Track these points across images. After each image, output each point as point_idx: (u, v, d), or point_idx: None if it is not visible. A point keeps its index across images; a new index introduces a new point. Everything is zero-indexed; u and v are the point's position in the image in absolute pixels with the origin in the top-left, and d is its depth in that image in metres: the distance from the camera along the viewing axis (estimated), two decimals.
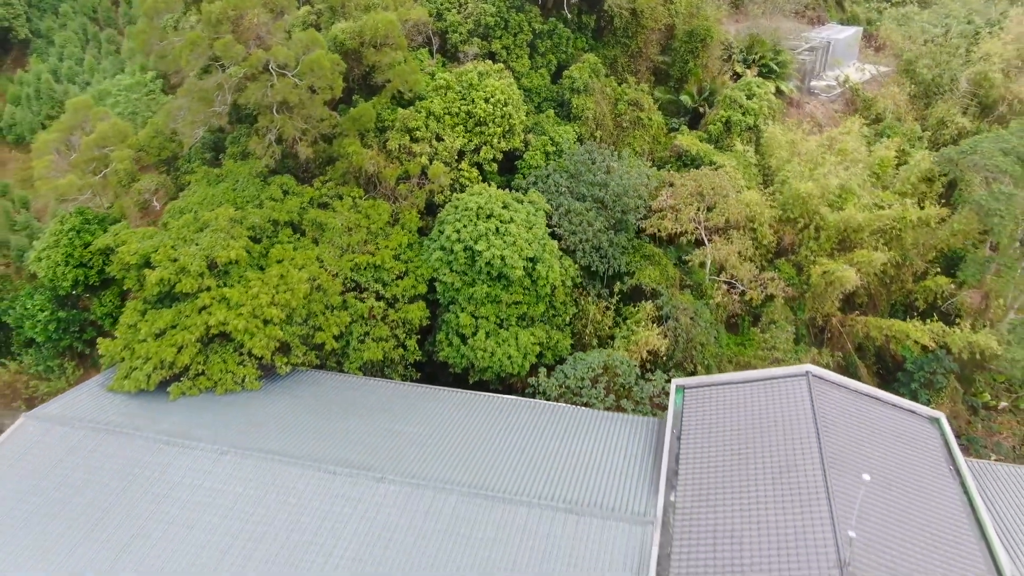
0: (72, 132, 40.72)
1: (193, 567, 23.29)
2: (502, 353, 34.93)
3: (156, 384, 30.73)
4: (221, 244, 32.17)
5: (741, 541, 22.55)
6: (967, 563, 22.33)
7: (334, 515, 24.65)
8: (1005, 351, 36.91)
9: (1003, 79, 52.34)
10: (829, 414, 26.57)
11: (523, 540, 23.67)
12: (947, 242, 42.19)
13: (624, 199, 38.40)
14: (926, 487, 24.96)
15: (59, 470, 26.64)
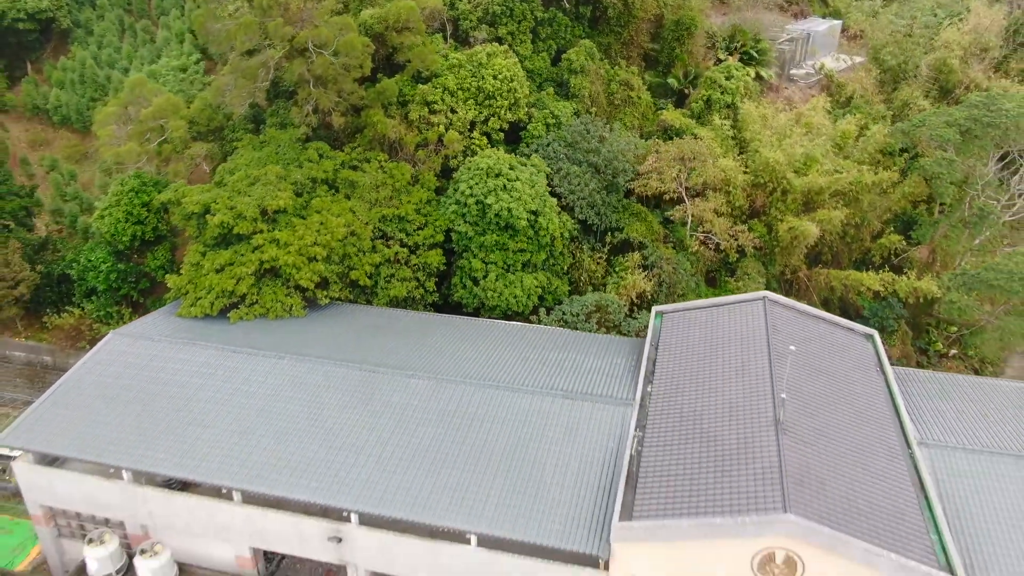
0: (129, 106, 47.16)
1: (262, 442, 29.66)
2: (509, 293, 41.39)
3: (218, 310, 37.20)
4: (271, 195, 38.64)
5: (702, 414, 28.94)
6: (882, 425, 28.75)
7: (374, 402, 31.04)
8: (945, 295, 43.27)
9: (961, 65, 58.81)
10: (779, 327, 32.99)
11: (527, 419, 30.06)
12: (900, 205, 48.72)
13: (614, 163, 44.90)
14: (855, 379, 31.40)
15: (147, 371, 33.08)
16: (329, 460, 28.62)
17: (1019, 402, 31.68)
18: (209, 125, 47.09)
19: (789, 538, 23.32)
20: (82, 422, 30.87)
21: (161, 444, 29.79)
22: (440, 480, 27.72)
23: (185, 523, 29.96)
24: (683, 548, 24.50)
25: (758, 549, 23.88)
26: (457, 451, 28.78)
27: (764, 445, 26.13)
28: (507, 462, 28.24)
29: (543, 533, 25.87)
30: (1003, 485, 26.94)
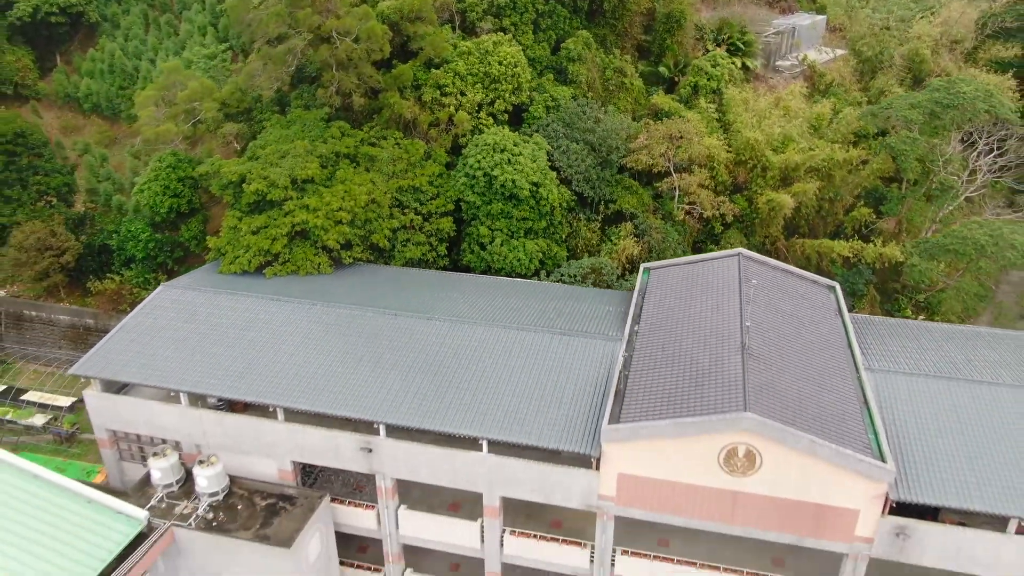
0: (166, 90, 52.44)
1: (300, 370, 34.86)
2: (513, 257, 46.62)
3: (255, 267, 42.45)
4: (300, 165, 43.88)
5: (680, 344, 34.14)
6: (835, 355, 33.95)
7: (396, 338, 36.25)
8: (907, 259, 48.48)
9: (932, 55, 64.22)
10: (751, 277, 38.12)
11: (530, 351, 35.25)
12: (870, 181, 54.02)
13: (608, 141, 50.19)
14: (815, 320, 36.62)
15: (196, 315, 38.32)
16: (359, 383, 33.82)
17: (957, 339, 36.89)
18: (239, 107, 52.28)
19: (748, 433, 28.50)
20: (143, 355, 36.09)
21: (214, 372, 35.00)
22: (455, 398, 32.93)
23: (234, 441, 35.14)
24: (661, 446, 29.68)
25: (723, 444, 29.07)
26: (470, 376, 33.99)
27: (731, 365, 31.34)
28: (512, 385, 33.45)
29: (544, 438, 31.07)
30: (934, 401, 32.15)
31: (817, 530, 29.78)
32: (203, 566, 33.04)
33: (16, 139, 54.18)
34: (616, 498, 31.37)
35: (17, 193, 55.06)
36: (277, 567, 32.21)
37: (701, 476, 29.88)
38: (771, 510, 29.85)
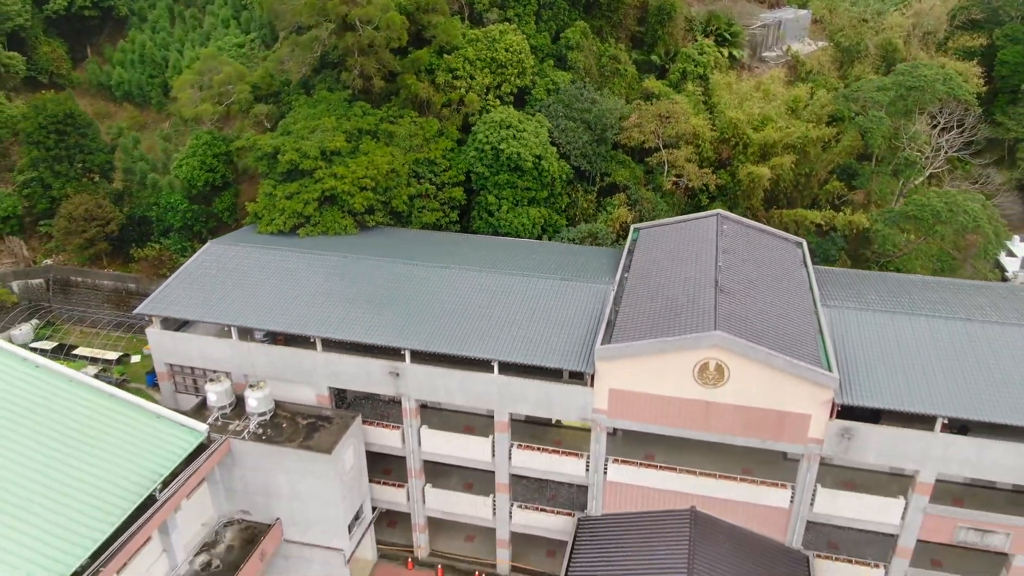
0: (202, 75, 58.65)
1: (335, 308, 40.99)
2: (517, 222, 52.83)
3: (290, 228, 48.63)
4: (328, 139, 50.07)
5: (663, 285, 40.28)
6: (798, 295, 40.10)
7: (416, 283, 42.41)
8: (873, 226, 54.57)
9: (905, 44, 70.48)
10: (727, 232, 44.36)
11: (532, 293, 41.37)
12: (842, 157, 60.21)
13: (603, 120, 56.40)
14: (783, 269, 42.77)
15: (242, 265, 44.51)
16: (386, 318, 39.98)
17: (904, 284, 43.10)
18: (268, 89, 58.51)
19: (717, 349, 34.62)
20: (196, 297, 42.27)
21: (260, 311, 41.15)
22: (469, 329, 39.06)
23: (278, 370, 41.26)
24: (644, 363, 35.80)
25: (697, 360, 35.19)
26: (482, 313, 40.15)
27: (705, 298, 37.48)
28: (519, 319, 39.62)
29: (547, 358, 37.22)
30: (878, 329, 38.31)
31: (777, 434, 35.90)
32: (254, 472, 39.14)
33: (66, 119, 60.37)
34: (608, 411, 37.50)
35: (65, 169, 61.27)
36: (319, 471, 38.33)
37: (679, 389, 36.00)
38: (738, 417, 35.97)
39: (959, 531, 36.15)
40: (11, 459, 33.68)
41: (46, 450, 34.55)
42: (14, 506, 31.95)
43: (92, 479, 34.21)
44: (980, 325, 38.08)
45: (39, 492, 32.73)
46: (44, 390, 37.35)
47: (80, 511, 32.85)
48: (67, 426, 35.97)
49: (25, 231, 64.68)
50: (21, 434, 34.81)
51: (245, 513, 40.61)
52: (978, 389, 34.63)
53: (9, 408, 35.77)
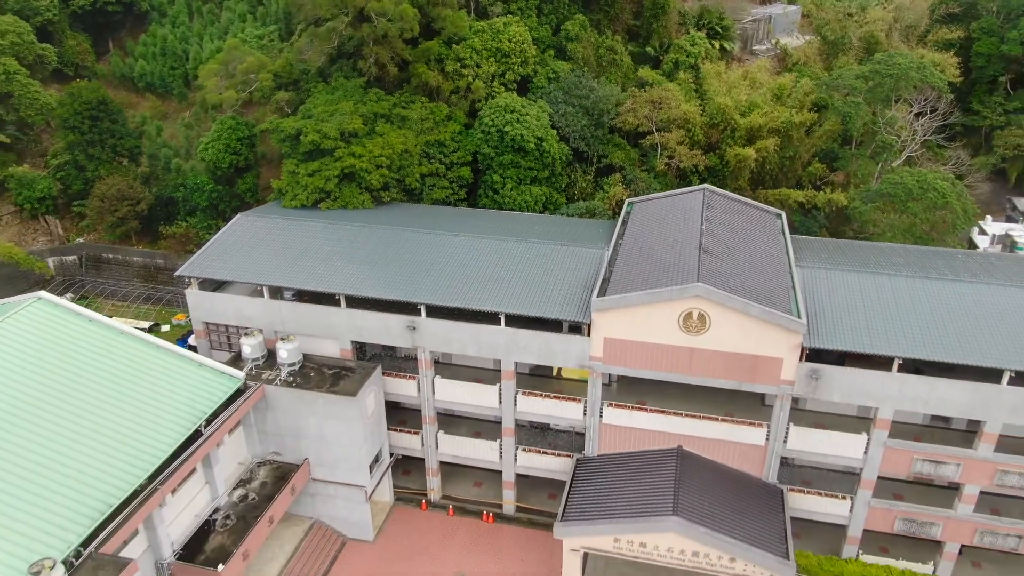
0: (226, 64, 63.78)
1: (358, 269, 46.01)
2: (520, 199, 57.92)
3: (312, 202, 53.69)
4: (346, 121, 55.12)
5: (653, 249, 45.29)
6: (774, 257, 45.12)
7: (432, 249, 47.43)
8: (850, 203, 59.56)
9: (885, 37, 75.61)
10: (713, 204, 49.39)
11: (536, 256, 46.38)
12: (824, 141, 65.27)
13: (600, 106, 61.50)
14: (762, 235, 47.81)
15: (271, 234, 49.58)
16: (403, 277, 45.02)
17: (873, 250, 48.16)
18: (288, 78, 63.59)
19: (699, 299, 39.59)
20: (231, 262, 47.31)
21: (289, 272, 46.18)
22: (479, 287, 44.08)
23: (305, 326, 46.26)
24: (635, 313, 40.78)
25: (681, 310, 40.17)
26: (489, 272, 45.19)
27: (690, 258, 42.48)
28: (523, 278, 44.64)
29: (549, 311, 42.25)
30: (845, 285, 43.33)
31: (753, 376, 40.89)
32: (285, 415, 44.17)
33: (99, 106, 65.48)
34: (603, 358, 42.51)
35: (98, 152, 66.39)
36: (344, 414, 43.35)
37: (666, 336, 41.00)
38: (719, 361, 40.96)
39: (916, 463, 41.13)
40: (79, 398, 38.75)
41: (108, 391, 39.67)
42: (85, 437, 37.03)
43: (148, 416, 39.27)
44: (935, 282, 43.15)
45: (105, 426, 37.83)
46: (101, 342, 42.44)
47: (139, 441, 37.91)
48: (124, 372, 41.05)
49: (58, 211, 69.74)
50: (86, 378, 39.93)
51: (276, 454, 45.60)
52: (930, 334, 39.64)
53: (73, 356, 40.86)
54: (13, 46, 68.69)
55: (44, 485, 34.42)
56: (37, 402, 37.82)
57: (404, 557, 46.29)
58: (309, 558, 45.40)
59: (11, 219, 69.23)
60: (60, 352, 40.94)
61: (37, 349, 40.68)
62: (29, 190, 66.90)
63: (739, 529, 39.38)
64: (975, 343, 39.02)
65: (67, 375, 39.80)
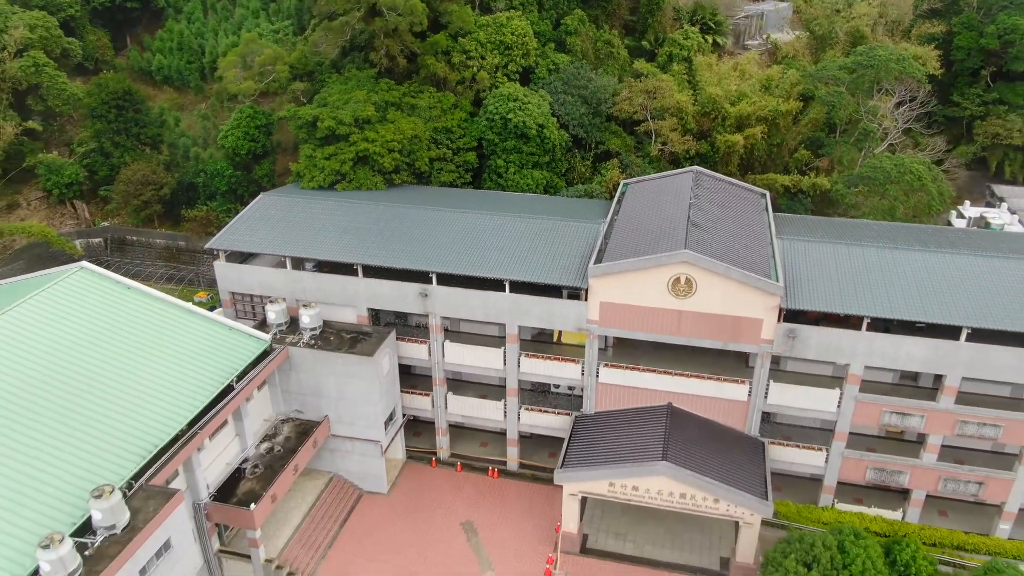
0: (245, 56, 68.35)
1: (374, 241, 50.51)
2: (523, 183, 62.45)
3: (328, 184, 58.22)
4: (360, 108, 59.65)
5: (645, 222, 49.75)
6: (758, 229, 49.60)
7: (442, 224, 51.94)
8: (833, 187, 64.06)
9: (870, 32, 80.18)
10: (702, 183, 53.89)
11: (537, 231, 50.89)
12: (809, 129, 69.80)
13: (598, 95, 66.06)
14: (747, 212, 52.31)
15: (292, 211, 54.12)
16: (416, 249, 49.52)
17: (848, 225, 52.65)
18: (304, 69, 68.16)
19: (686, 264, 44.06)
20: (256, 236, 51.83)
21: (310, 245, 50.69)
22: (486, 257, 48.59)
23: (325, 294, 50.76)
24: (628, 278, 45.25)
25: (670, 275, 44.64)
26: (494, 244, 49.70)
27: (678, 230, 46.96)
28: (527, 248, 49.13)
29: (550, 277, 46.73)
30: (820, 253, 47.81)
31: (736, 336, 45.35)
32: (307, 376, 48.63)
33: (124, 96, 70.07)
34: (599, 320, 46.99)
35: (123, 140, 70.93)
36: (362, 373, 47.82)
37: (656, 300, 45.45)
38: (704, 323, 45.43)
39: (884, 415, 45.60)
40: (124, 356, 43.22)
41: (149, 350, 44.10)
42: (131, 389, 41.48)
43: (185, 372, 43.74)
44: (903, 251, 47.68)
45: (148, 380, 42.28)
46: (140, 306, 46.92)
47: (178, 393, 42.37)
48: (162, 334, 45.50)
49: (84, 196, 74.23)
50: (128, 339, 44.37)
51: (299, 412, 50.06)
52: (895, 297, 44.13)
53: (116, 319, 45.33)
54: (42, 40, 73.22)
55: (99, 428, 38.87)
56: (87, 359, 42.28)
57: (416, 508, 50.74)
58: (329, 508, 49.84)
59: (39, 204, 73.72)
60: (103, 315, 45.42)
61: (82, 312, 45.16)
62: (57, 176, 71.41)
63: (723, 474, 43.83)
64: (936, 304, 43.50)
65: (111, 336, 44.24)
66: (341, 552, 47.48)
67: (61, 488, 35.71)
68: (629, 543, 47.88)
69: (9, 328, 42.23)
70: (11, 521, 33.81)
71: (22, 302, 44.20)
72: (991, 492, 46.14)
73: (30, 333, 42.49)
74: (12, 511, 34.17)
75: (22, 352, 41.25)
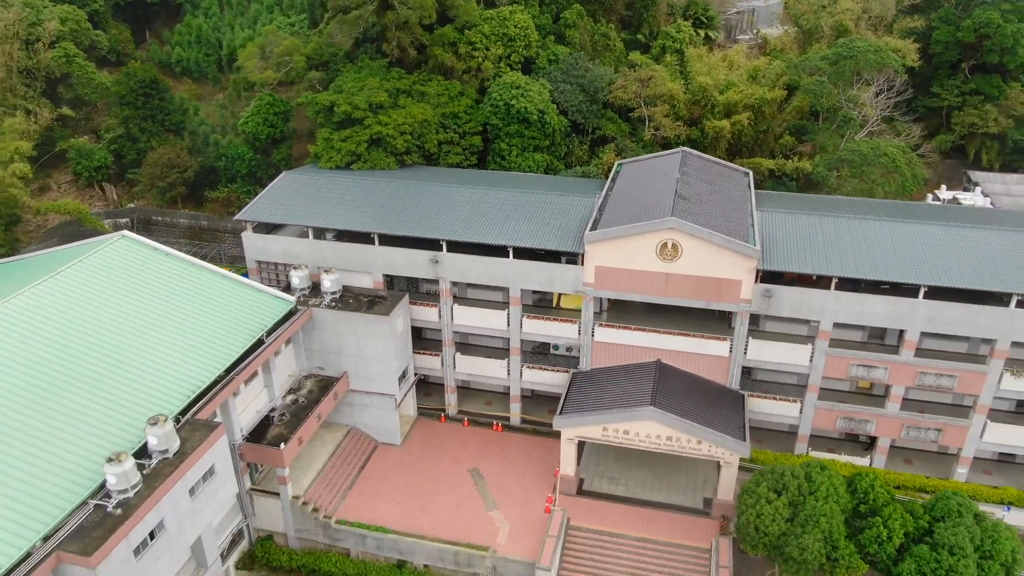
0: (264, 48, 74.02)
1: (390, 213, 56.10)
2: (524, 165, 68.07)
3: (345, 164, 63.84)
4: (374, 94, 65.28)
5: (636, 196, 55.31)
6: (740, 202, 55.17)
7: (451, 197, 57.57)
8: (815, 170, 69.61)
9: (854, 26, 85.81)
10: (688, 162, 59.44)
11: (538, 204, 56.48)
12: (794, 116, 75.40)
13: (595, 84, 71.70)
14: (731, 188, 57.87)
15: (312, 186, 59.79)
16: (428, 217, 55.14)
17: (822, 201, 58.20)
18: (319, 59, 73.80)
19: (672, 231, 49.58)
20: (280, 209, 57.45)
21: (330, 216, 56.31)
22: (492, 226, 54.17)
23: (344, 262, 56.32)
24: (620, 244, 50.79)
25: (658, 240, 50.17)
26: (498, 215, 55.28)
27: (666, 201, 52.50)
28: (527, 218, 54.74)
29: (548, 243, 52.32)
30: (795, 223, 53.39)
31: (717, 296, 50.88)
32: (329, 335, 54.15)
33: (150, 84, 75.72)
34: (594, 283, 52.53)
35: (149, 126, 76.58)
36: (378, 331, 53.35)
37: (646, 263, 50.97)
38: (689, 284, 50.95)
39: (852, 368, 51.12)
40: (166, 313, 48.75)
41: (188, 309, 49.62)
42: (174, 341, 47.02)
43: (221, 328, 49.26)
44: (870, 222, 53.28)
45: (188, 334, 47.81)
46: (178, 271, 52.48)
47: (216, 344, 47.93)
48: (199, 295, 51.00)
49: (111, 179, 79.82)
50: (169, 298, 49.89)
51: (320, 369, 55.58)
52: (861, 260, 49.70)
53: (157, 281, 50.86)
54: (72, 32, 78.87)
55: (149, 372, 44.42)
56: (135, 314, 47.80)
57: (427, 457, 56.26)
58: (348, 456, 55.36)
59: (68, 187, 79.29)
60: (146, 277, 50.97)
61: (127, 274, 50.73)
62: (87, 160, 76.98)
63: (705, 419, 49.35)
64: (897, 266, 49.06)
65: (154, 295, 49.76)
66: (359, 494, 52.98)
67: (121, 419, 41.29)
68: (621, 486, 53.37)
69: (64, 287, 47.78)
70: (81, 445, 39.38)
71: (74, 263, 49.80)
72: (949, 438, 51.66)
73: (83, 291, 48.06)
74: (81, 437, 39.74)
75: (79, 307, 46.85)
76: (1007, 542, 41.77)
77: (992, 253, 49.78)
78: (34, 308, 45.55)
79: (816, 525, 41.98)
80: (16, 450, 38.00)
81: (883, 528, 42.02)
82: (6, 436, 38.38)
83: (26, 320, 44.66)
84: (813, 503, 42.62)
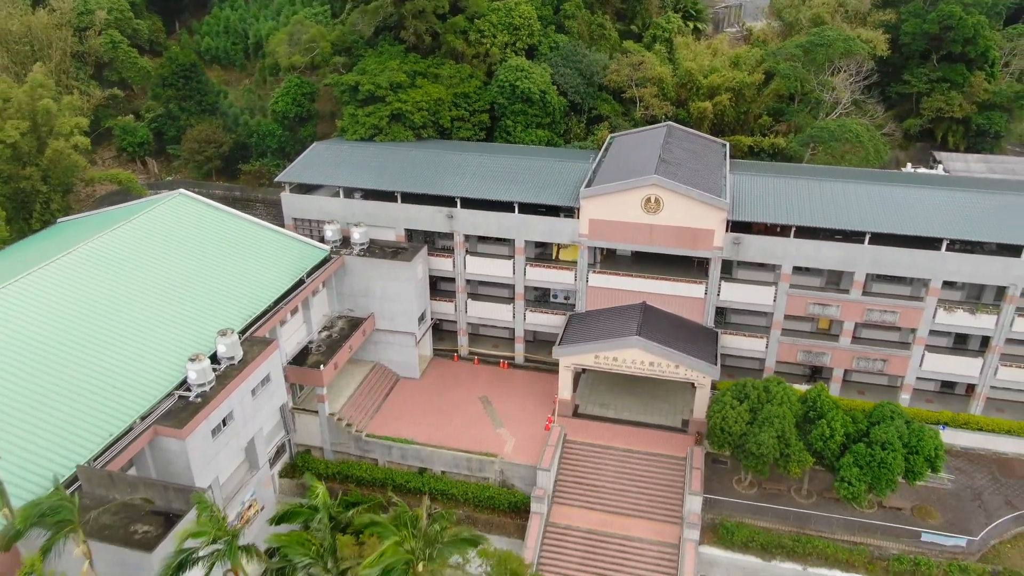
0: (293, 35, 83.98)
1: (410, 173, 65.92)
2: (528, 139, 78.03)
3: (368, 136, 73.75)
4: (394, 75, 75.17)
5: (625, 160, 65.11)
6: (709, 167, 64.97)
7: (465, 161, 67.40)
8: (788, 145, 79.44)
9: (830, 18, 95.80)
10: (672, 134, 69.24)
11: (540, 167, 66.34)
12: (771, 99, 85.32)
13: (592, 68, 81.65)
14: (709, 155, 67.72)
15: (341, 153, 69.73)
16: (443, 180, 64.99)
17: (792, 167, 68.07)
18: (343, 45, 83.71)
19: (655, 187, 59.37)
20: (314, 171, 67.36)
21: (359, 177, 66.17)
22: (499, 185, 64.00)
23: (371, 218, 66.13)
24: (611, 199, 60.57)
25: (643, 196, 59.96)
26: (505, 176, 65.15)
27: (650, 163, 62.29)
28: (530, 179, 64.61)
29: (549, 199, 62.14)
30: (764, 184, 63.23)
31: (694, 244, 60.61)
32: (358, 280, 63.94)
33: (190, 67, 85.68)
34: (589, 234, 62.32)
35: (188, 105, 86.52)
36: (401, 275, 63.13)
37: (633, 216, 60.75)
38: (670, 234, 60.69)
39: (809, 306, 60.83)
40: (223, 258, 58.59)
41: (242, 255, 59.48)
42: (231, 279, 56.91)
43: (269, 269, 59.11)
44: (827, 182, 63.12)
45: (243, 274, 57.71)
46: (230, 224, 62.33)
47: (267, 281, 57.74)
48: (250, 243, 60.86)
49: (152, 154, 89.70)
50: (224, 247, 59.75)
51: (350, 310, 65.34)
52: (817, 212, 59.46)
53: (213, 232, 60.71)
54: (117, 21, 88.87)
55: (214, 301, 54.24)
56: (196, 259, 57.65)
57: (442, 388, 66.01)
58: (373, 387, 65.07)
59: (111, 162, 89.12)
60: (202, 229, 60.82)
61: (187, 225, 60.61)
62: (131, 136, 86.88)
63: (682, 348, 59.05)
64: (847, 217, 58.83)
65: (210, 244, 59.59)
66: (385, 416, 62.71)
67: (196, 333, 51.13)
68: (611, 410, 63.08)
69: (133, 236, 57.63)
70: (167, 351, 49.17)
71: (143, 214, 59.71)
72: (893, 367, 61.43)
73: (149, 240, 57.96)
74: (167, 346, 49.55)
75: (152, 249, 56.77)
76: (930, 440, 51.43)
77: (929, 208, 59.57)
78: (120, 247, 55.56)
79: (771, 425, 51.65)
80: (121, 353, 47.86)
81: (827, 428, 51.66)
82: (114, 344, 48.21)
83: (116, 256, 54.66)
84: (770, 408, 52.30)
